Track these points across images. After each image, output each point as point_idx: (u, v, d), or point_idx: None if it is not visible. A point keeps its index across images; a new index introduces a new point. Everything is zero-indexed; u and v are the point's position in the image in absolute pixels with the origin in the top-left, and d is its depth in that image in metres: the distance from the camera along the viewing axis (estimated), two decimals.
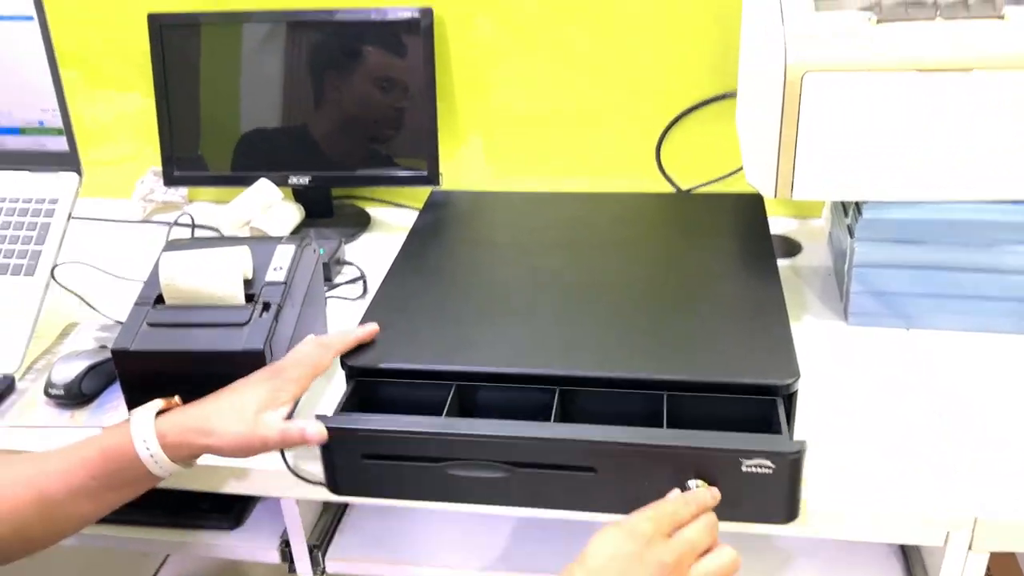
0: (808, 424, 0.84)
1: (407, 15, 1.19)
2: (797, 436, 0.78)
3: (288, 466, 0.82)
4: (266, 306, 0.86)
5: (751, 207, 1.07)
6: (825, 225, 1.23)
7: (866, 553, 0.88)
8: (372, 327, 0.83)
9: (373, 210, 1.34)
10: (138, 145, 1.41)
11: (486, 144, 1.31)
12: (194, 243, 0.93)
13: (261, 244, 0.93)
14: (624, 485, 0.74)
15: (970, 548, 0.74)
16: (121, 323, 1.05)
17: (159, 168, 1.34)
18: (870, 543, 0.88)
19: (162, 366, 0.84)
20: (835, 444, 0.82)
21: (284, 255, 0.92)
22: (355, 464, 0.77)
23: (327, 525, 0.92)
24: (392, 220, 1.32)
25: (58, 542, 0.76)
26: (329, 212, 1.29)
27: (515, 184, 1.32)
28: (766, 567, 0.87)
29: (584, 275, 0.95)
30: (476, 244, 1.04)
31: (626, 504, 0.71)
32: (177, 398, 0.79)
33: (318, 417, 0.76)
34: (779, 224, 1.25)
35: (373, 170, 1.26)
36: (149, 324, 0.86)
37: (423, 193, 1.21)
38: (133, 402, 0.86)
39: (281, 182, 1.25)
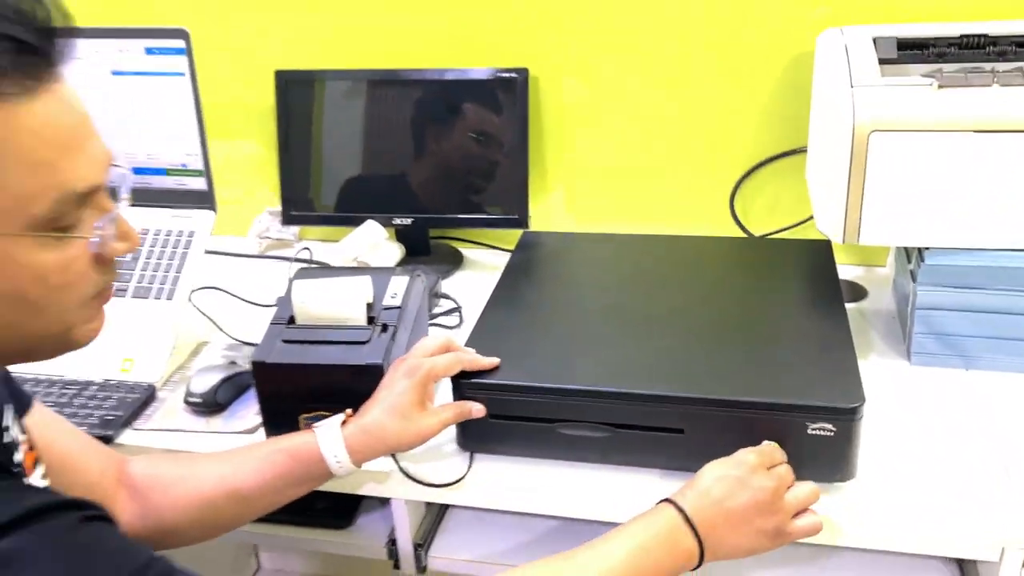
0: (872, 452, 0.91)
1: (505, 75, 1.32)
2: (861, 461, 0.87)
3: (400, 469, 0.93)
4: (384, 327, 0.98)
5: (820, 252, 1.16)
6: (890, 272, 1.31)
7: (925, 569, 0.94)
8: (495, 361, 0.94)
9: (466, 250, 1.47)
10: (252, 188, 1.55)
11: (569, 192, 1.43)
12: (321, 272, 1.06)
13: (379, 274, 1.05)
14: (708, 444, 0.86)
15: None
16: (244, 343, 1.19)
17: (274, 208, 1.49)
18: (928, 558, 0.94)
19: (294, 377, 0.96)
20: (897, 469, 0.90)
21: (399, 284, 1.04)
22: (483, 423, 0.92)
23: (429, 526, 1.02)
24: (483, 259, 1.44)
25: (242, 526, 0.89)
26: (427, 251, 1.42)
27: (596, 229, 1.43)
28: None
29: (662, 309, 1.04)
30: (565, 280, 1.15)
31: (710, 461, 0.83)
32: (349, 411, 0.90)
33: (459, 383, 0.93)
34: (846, 271, 1.33)
35: (468, 214, 1.38)
36: (283, 341, 0.98)
37: (512, 235, 1.33)
38: (267, 409, 0.99)
39: (385, 223, 1.38)
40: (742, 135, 1.34)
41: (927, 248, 1.05)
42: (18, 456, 0.71)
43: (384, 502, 1.03)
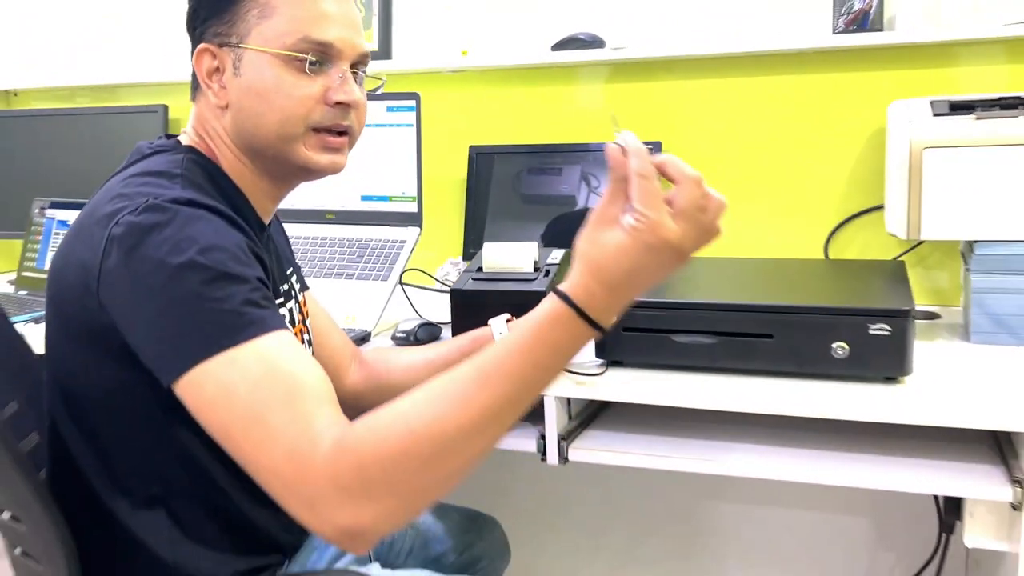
0: (929, 402, 1.16)
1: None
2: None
3: None
4: (547, 272, 1.33)
5: (895, 264, 1.44)
6: (961, 310, 1.55)
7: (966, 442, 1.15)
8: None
9: None
10: (435, 243, 1.97)
11: None
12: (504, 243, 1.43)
13: (544, 248, 1.41)
14: (792, 347, 1.13)
15: None
16: (433, 323, 1.54)
17: (455, 259, 1.89)
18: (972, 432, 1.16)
19: (480, 301, 1.30)
20: (950, 400, 1.14)
21: (558, 254, 1.39)
22: (616, 335, 1.21)
23: (572, 427, 1.30)
24: None
25: None
26: None
27: None
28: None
29: (760, 274, 1.35)
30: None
31: (794, 363, 1.11)
32: (512, 316, 1.24)
33: None
34: (924, 308, 1.59)
35: None
36: (473, 279, 1.34)
37: None
38: (458, 329, 1.32)
39: None
40: (833, 194, 1.67)
41: (976, 241, 1.32)
42: (291, 305, 1.09)
43: (537, 413, 1.31)
